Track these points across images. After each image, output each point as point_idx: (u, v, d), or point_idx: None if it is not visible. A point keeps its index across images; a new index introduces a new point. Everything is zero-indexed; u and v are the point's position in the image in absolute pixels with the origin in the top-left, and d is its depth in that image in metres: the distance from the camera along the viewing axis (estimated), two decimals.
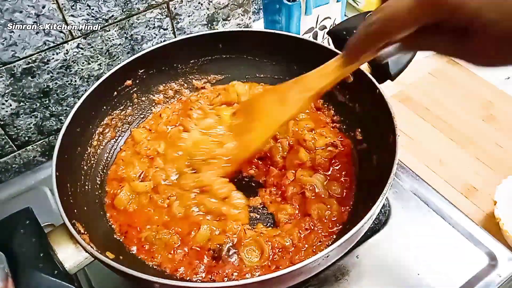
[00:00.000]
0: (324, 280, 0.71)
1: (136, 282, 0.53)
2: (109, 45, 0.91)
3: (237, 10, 1.06)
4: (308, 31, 1.12)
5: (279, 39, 0.85)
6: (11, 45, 0.78)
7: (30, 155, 0.96)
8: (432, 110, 1.12)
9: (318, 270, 0.58)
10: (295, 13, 1.04)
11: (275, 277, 0.51)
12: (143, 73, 0.85)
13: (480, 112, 1.11)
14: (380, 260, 0.73)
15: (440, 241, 0.76)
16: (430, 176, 0.97)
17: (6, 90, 0.83)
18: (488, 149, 1.03)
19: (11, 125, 0.88)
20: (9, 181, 0.91)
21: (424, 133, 1.07)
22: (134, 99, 0.87)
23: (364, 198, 0.70)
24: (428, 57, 1.24)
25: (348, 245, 0.60)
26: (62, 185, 0.64)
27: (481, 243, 0.75)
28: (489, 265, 0.72)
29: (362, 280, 0.71)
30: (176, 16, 0.96)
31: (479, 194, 0.94)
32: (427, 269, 0.72)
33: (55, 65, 0.86)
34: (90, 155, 0.77)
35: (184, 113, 0.87)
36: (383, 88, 0.72)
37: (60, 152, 0.66)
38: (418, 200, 0.81)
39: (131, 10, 0.89)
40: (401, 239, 0.76)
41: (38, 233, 0.56)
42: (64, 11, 0.80)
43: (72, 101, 0.93)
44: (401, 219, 0.79)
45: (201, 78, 0.92)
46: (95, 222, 0.69)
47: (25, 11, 0.76)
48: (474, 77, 1.19)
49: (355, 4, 1.34)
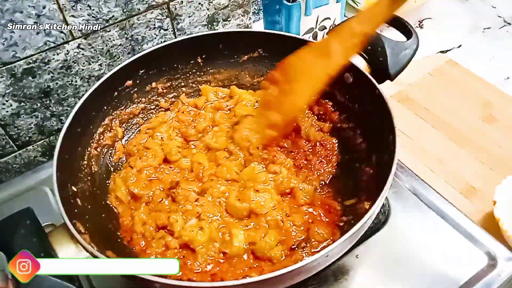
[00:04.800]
0: (324, 280, 0.71)
1: (136, 282, 0.53)
2: (109, 46, 0.91)
3: (237, 11, 1.06)
4: (308, 32, 1.12)
5: (279, 40, 0.85)
6: (11, 45, 0.78)
7: (31, 155, 0.96)
8: (432, 110, 1.12)
9: (318, 269, 0.58)
10: (295, 14, 1.04)
11: (275, 277, 0.51)
12: (144, 73, 0.85)
13: (480, 112, 1.11)
14: (379, 260, 0.73)
15: (440, 241, 0.76)
16: (430, 176, 0.97)
17: (7, 90, 0.83)
18: (488, 149, 1.02)
19: (11, 125, 0.88)
20: (10, 181, 0.91)
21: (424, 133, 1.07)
22: (135, 99, 0.87)
23: (363, 197, 0.70)
24: (428, 57, 1.24)
25: (348, 245, 0.60)
26: (63, 185, 0.64)
27: (480, 243, 0.75)
28: (489, 265, 0.72)
29: (362, 280, 0.71)
30: (176, 17, 0.96)
31: (479, 194, 0.94)
32: (427, 269, 0.72)
33: (56, 65, 0.86)
34: (90, 155, 0.77)
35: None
36: (383, 88, 0.72)
37: (61, 152, 0.66)
38: (417, 200, 0.82)
39: (132, 11, 0.89)
40: (400, 239, 0.76)
41: (38, 233, 0.56)
42: (64, 12, 0.80)
43: (73, 101, 0.93)
44: (401, 218, 0.79)
45: (202, 79, 0.93)
46: (96, 222, 0.69)
47: (25, 11, 0.76)
48: (474, 77, 1.19)
49: (354, 5, 1.35)
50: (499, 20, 1.36)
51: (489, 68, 1.20)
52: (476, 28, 1.34)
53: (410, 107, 1.13)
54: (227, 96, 0.91)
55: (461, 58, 1.23)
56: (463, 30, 1.34)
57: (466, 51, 1.27)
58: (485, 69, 1.18)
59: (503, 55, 1.24)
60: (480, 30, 1.33)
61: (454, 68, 1.22)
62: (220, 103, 0.89)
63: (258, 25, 1.24)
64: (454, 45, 1.28)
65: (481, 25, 1.35)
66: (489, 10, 1.40)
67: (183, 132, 0.85)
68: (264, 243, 0.67)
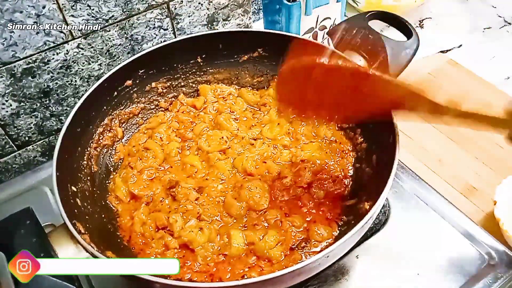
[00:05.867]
0: (324, 280, 0.71)
1: (136, 282, 0.53)
2: (109, 45, 0.91)
3: (237, 10, 1.06)
4: (308, 31, 1.12)
5: (279, 39, 0.85)
6: (11, 45, 0.78)
7: (31, 155, 0.96)
8: None
9: (318, 270, 0.58)
10: (295, 13, 1.04)
11: (275, 277, 0.51)
12: (143, 73, 0.85)
13: None
14: (380, 260, 0.73)
15: (440, 241, 0.76)
16: (430, 176, 0.97)
17: (7, 90, 0.83)
18: (488, 149, 1.02)
19: (11, 125, 0.88)
20: (10, 181, 0.91)
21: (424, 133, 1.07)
22: (134, 99, 0.87)
23: (364, 198, 0.70)
24: (428, 57, 1.24)
25: (348, 245, 0.60)
26: (63, 185, 0.64)
27: (481, 243, 0.75)
28: (489, 265, 0.72)
29: (362, 280, 0.71)
30: (176, 16, 0.96)
31: (479, 194, 0.94)
32: (427, 269, 0.72)
33: (56, 65, 0.86)
34: (90, 155, 0.77)
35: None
36: None
37: (61, 152, 0.66)
38: (418, 200, 0.82)
39: (131, 10, 0.89)
40: (401, 239, 0.76)
41: (38, 233, 0.56)
42: (64, 11, 0.80)
43: (73, 101, 0.93)
44: (401, 219, 0.79)
45: (201, 78, 0.93)
46: (96, 222, 0.69)
47: (25, 11, 0.76)
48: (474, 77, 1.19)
49: (355, 4, 1.35)
50: (499, 20, 1.36)
51: (489, 68, 1.20)
52: (476, 28, 1.34)
53: None
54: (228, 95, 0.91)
55: (461, 58, 1.23)
56: (463, 30, 1.34)
57: (466, 51, 1.26)
58: (485, 69, 1.18)
59: (503, 55, 1.24)
60: (480, 30, 1.33)
61: (454, 68, 1.22)
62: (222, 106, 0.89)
63: (258, 24, 1.24)
64: (455, 45, 1.28)
65: (481, 25, 1.35)
66: (489, 10, 1.40)
67: (181, 134, 0.85)
68: (264, 243, 0.67)
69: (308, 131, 0.84)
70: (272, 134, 0.83)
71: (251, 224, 0.71)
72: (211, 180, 0.77)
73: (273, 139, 0.83)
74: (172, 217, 0.70)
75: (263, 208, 0.72)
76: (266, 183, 0.75)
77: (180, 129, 0.86)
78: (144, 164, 0.79)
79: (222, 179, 0.77)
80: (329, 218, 0.72)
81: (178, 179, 0.77)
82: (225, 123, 0.85)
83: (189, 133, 0.85)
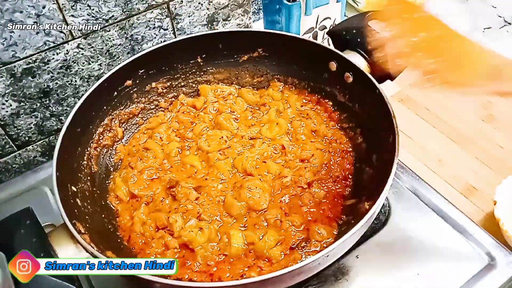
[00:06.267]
0: (324, 280, 0.71)
1: (136, 282, 0.53)
2: (109, 45, 0.91)
3: (237, 10, 1.06)
4: (308, 31, 1.12)
5: (279, 39, 0.85)
6: (11, 45, 0.78)
7: (31, 155, 0.96)
8: (432, 110, 1.12)
9: (318, 270, 0.58)
10: (295, 13, 1.04)
11: (275, 277, 0.51)
12: (143, 73, 0.85)
13: (480, 112, 1.11)
14: (380, 260, 0.73)
15: (440, 241, 0.76)
16: (430, 176, 0.97)
17: (6, 90, 0.83)
18: (488, 149, 1.02)
19: (11, 125, 0.88)
20: (10, 181, 0.91)
21: (424, 133, 1.07)
22: (134, 99, 0.87)
23: (364, 198, 0.70)
24: None
25: (348, 245, 0.60)
26: (63, 185, 0.64)
27: (480, 243, 0.75)
28: (489, 265, 0.72)
29: (362, 280, 0.71)
30: (176, 16, 0.96)
31: (479, 194, 0.94)
32: (427, 269, 0.72)
33: (56, 65, 0.86)
34: (90, 155, 0.77)
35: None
36: (383, 88, 0.72)
37: (61, 152, 0.65)
38: (418, 200, 0.82)
39: (131, 10, 0.89)
40: (401, 239, 0.76)
41: (38, 233, 0.56)
42: (64, 11, 0.80)
43: (73, 101, 0.93)
44: (401, 219, 0.79)
45: (202, 78, 0.93)
46: (96, 222, 0.69)
47: (25, 11, 0.76)
48: None
49: (355, 4, 1.35)
50: (499, 20, 1.36)
51: None
52: (476, 28, 1.34)
53: (411, 107, 1.13)
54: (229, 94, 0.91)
55: None
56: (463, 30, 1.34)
57: None
58: None
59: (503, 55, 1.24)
60: (480, 30, 1.33)
61: None
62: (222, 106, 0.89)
63: (258, 24, 1.24)
64: None
65: (481, 25, 1.35)
66: (489, 10, 1.40)
67: (180, 134, 0.85)
68: (263, 242, 0.67)
69: (308, 131, 0.84)
70: (272, 134, 0.83)
71: (251, 224, 0.71)
72: (211, 180, 0.77)
73: (272, 139, 0.83)
74: (172, 217, 0.70)
75: (263, 208, 0.72)
76: (266, 183, 0.75)
77: (180, 129, 0.86)
78: (144, 164, 0.79)
79: (222, 179, 0.77)
80: (329, 217, 0.71)
81: (178, 179, 0.77)
82: (225, 123, 0.85)
83: (189, 133, 0.85)
